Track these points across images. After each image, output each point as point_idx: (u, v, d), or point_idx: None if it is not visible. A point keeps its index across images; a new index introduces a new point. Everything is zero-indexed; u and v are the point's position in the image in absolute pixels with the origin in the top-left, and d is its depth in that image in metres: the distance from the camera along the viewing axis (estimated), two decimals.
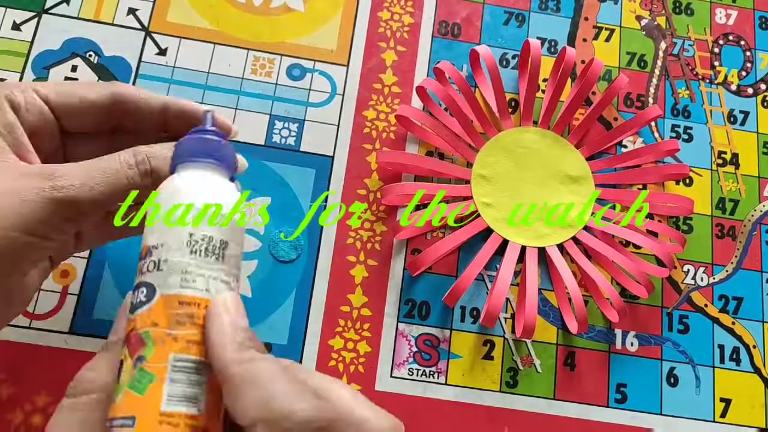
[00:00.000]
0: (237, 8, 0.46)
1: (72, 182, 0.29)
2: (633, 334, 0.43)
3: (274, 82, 0.45)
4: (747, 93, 0.48)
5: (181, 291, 0.26)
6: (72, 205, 0.29)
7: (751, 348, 0.43)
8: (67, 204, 0.29)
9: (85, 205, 0.30)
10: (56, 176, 0.29)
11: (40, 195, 0.29)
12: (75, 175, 0.30)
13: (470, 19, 0.48)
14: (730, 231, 0.45)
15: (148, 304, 0.26)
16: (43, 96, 0.32)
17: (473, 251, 0.42)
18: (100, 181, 0.30)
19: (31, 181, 0.29)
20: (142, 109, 0.34)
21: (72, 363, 0.38)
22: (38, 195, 0.29)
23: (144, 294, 0.26)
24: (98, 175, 0.30)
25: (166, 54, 0.45)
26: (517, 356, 0.42)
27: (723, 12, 0.50)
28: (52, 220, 0.29)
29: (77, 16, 0.45)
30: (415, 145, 0.45)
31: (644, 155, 0.45)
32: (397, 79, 0.46)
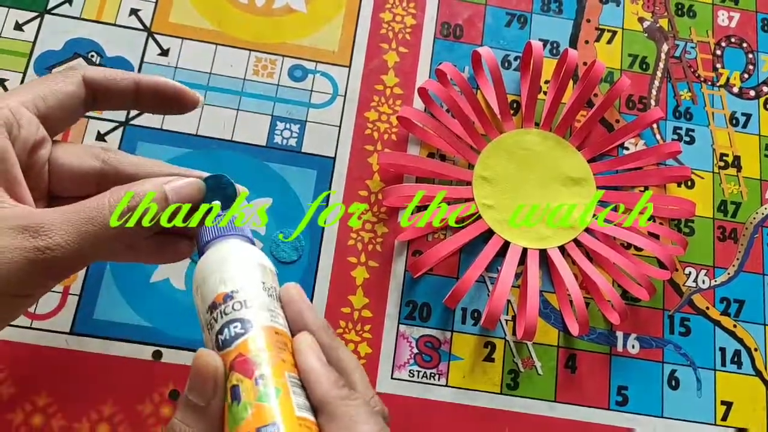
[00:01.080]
0: (239, 9, 0.46)
1: (56, 241, 0.27)
2: (634, 337, 0.43)
3: (275, 83, 0.45)
4: (749, 95, 0.48)
5: (273, 324, 0.28)
6: (59, 266, 0.28)
7: (753, 351, 0.43)
8: (51, 265, 0.27)
9: (71, 264, 0.28)
10: (40, 234, 0.27)
11: (22, 256, 0.27)
12: (60, 231, 0.28)
13: (472, 21, 0.48)
14: (732, 233, 0.45)
15: (246, 334, 0.28)
16: (32, 107, 0.31)
17: (474, 253, 0.42)
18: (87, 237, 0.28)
19: (15, 240, 0.27)
20: (112, 89, 0.33)
21: (73, 363, 0.38)
22: (21, 256, 0.27)
23: (239, 328, 0.28)
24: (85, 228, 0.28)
25: (168, 54, 0.45)
26: (518, 358, 0.41)
27: (725, 14, 0.50)
28: (35, 280, 0.28)
29: (79, 16, 0.45)
30: (417, 146, 0.45)
31: (646, 157, 0.45)
32: (399, 80, 0.46)
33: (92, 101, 0.33)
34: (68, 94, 0.31)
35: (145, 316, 0.40)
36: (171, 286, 0.40)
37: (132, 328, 0.39)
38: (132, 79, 0.33)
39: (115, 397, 0.38)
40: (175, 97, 0.34)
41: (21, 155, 0.30)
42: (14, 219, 0.27)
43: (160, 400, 0.38)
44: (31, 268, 0.27)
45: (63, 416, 0.38)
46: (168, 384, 0.39)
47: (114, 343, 0.39)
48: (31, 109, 0.30)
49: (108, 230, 0.28)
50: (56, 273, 0.28)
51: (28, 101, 0.30)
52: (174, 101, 0.34)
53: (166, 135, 0.43)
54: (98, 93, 0.32)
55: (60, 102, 0.31)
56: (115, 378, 0.38)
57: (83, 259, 0.28)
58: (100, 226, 0.28)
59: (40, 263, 0.27)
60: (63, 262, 0.27)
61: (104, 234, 0.28)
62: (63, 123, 0.32)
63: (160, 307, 0.40)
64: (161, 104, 0.34)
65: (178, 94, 0.34)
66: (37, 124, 0.30)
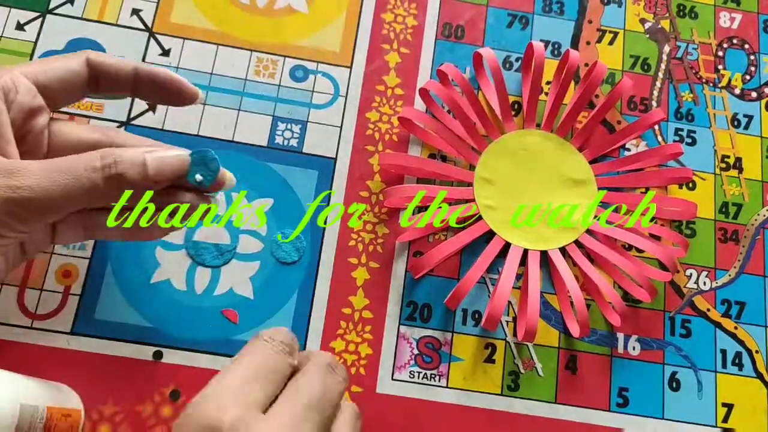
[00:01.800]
0: (240, 9, 0.46)
1: (29, 183, 0.29)
2: (635, 338, 0.43)
3: (277, 84, 0.45)
4: (751, 97, 0.48)
5: None
6: (24, 206, 0.29)
7: (754, 353, 0.43)
8: (19, 204, 0.29)
9: (39, 207, 0.29)
10: (15, 175, 0.29)
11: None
12: (34, 175, 0.29)
13: (474, 22, 0.48)
14: (733, 235, 0.45)
15: None
16: (32, 76, 0.32)
17: (475, 254, 0.42)
18: (58, 186, 0.29)
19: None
20: (113, 73, 0.34)
21: (73, 363, 0.38)
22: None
23: None
24: (59, 178, 0.29)
25: (169, 55, 0.45)
26: (519, 359, 0.41)
27: (727, 15, 0.50)
28: (3, 218, 0.29)
29: (81, 16, 0.45)
30: (418, 147, 0.45)
31: (647, 159, 0.45)
32: (400, 81, 0.46)
33: (94, 84, 0.34)
34: (69, 70, 0.33)
35: (145, 316, 0.40)
36: (172, 287, 0.40)
37: (133, 328, 0.39)
38: (132, 65, 0.34)
39: (116, 397, 0.38)
40: (173, 89, 0.35)
41: (16, 119, 0.32)
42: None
43: (160, 401, 0.38)
44: (3, 204, 0.28)
45: None
46: (169, 384, 0.39)
47: (115, 343, 0.39)
48: (31, 79, 0.32)
49: (79, 182, 0.30)
50: (23, 214, 0.29)
51: (28, 72, 0.32)
52: (172, 92, 0.35)
53: (167, 135, 0.43)
54: (99, 75, 0.34)
55: (60, 76, 0.33)
56: (116, 378, 0.38)
57: (51, 204, 0.30)
58: (72, 177, 0.30)
59: (9, 200, 0.29)
60: (31, 203, 0.29)
61: (74, 185, 0.30)
62: (63, 97, 0.34)
63: (160, 308, 0.40)
64: (159, 94, 0.35)
65: (176, 85, 0.35)
66: (35, 92, 0.32)
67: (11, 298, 0.39)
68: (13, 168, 0.29)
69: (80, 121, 0.43)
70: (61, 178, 0.29)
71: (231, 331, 0.40)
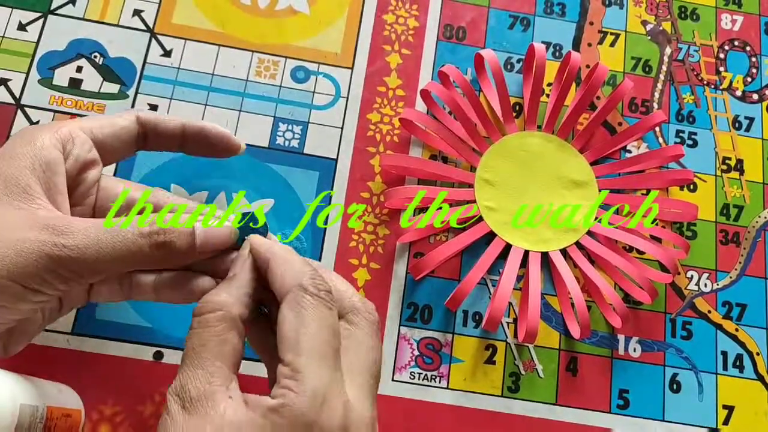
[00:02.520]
0: (242, 10, 0.46)
1: (75, 242, 0.29)
2: (636, 340, 0.42)
3: (278, 85, 0.45)
4: (752, 99, 0.48)
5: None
6: (68, 266, 0.29)
7: (755, 355, 0.43)
8: (63, 263, 0.29)
9: (82, 268, 0.29)
10: (63, 233, 0.29)
11: (39, 248, 0.28)
12: (82, 235, 0.29)
13: (475, 23, 0.48)
14: (734, 237, 0.45)
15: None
16: (88, 131, 0.33)
17: (476, 255, 0.42)
18: (105, 248, 0.29)
19: (38, 234, 0.29)
20: (162, 130, 0.35)
21: (74, 363, 0.38)
22: (38, 248, 0.28)
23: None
24: (106, 240, 0.29)
25: (170, 55, 0.45)
26: (519, 361, 0.41)
27: (729, 17, 0.50)
28: (45, 276, 0.29)
29: (83, 17, 0.45)
30: (419, 148, 0.45)
31: (648, 160, 0.45)
32: (402, 82, 0.46)
33: (143, 139, 0.35)
34: (123, 127, 0.34)
35: (146, 316, 0.40)
36: None
37: (133, 328, 0.39)
38: (180, 123, 0.36)
39: (116, 397, 0.38)
40: (221, 144, 0.36)
41: (71, 170, 0.32)
42: (45, 219, 0.29)
43: (161, 401, 0.38)
44: (45, 261, 0.28)
45: None
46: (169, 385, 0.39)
47: (115, 343, 0.39)
48: (87, 133, 0.33)
49: (125, 246, 0.29)
50: (67, 273, 0.29)
51: (85, 126, 0.33)
52: (218, 146, 0.37)
53: None
54: (149, 131, 0.35)
55: (115, 132, 0.34)
56: (116, 378, 0.38)
57: (95, 266, 0.29)
58: (119, 240, 0.29)
59: (54, 258, 0.28)
60: (75, 263, 0.29)
61: (120, 248, 0.29)
62: (116, 153, 0.35)
63: (161, 308, 0.40)
64: (206, 148, 0.37)
65: (224, 140, 0.37)
66: (90, 145, 0.33)
67: None
68: (61, 225, 0.29)
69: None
70: (106, 240, 0.29)
71: None
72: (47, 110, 0.43)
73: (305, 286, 0.29)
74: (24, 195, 0.30)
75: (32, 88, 0.43)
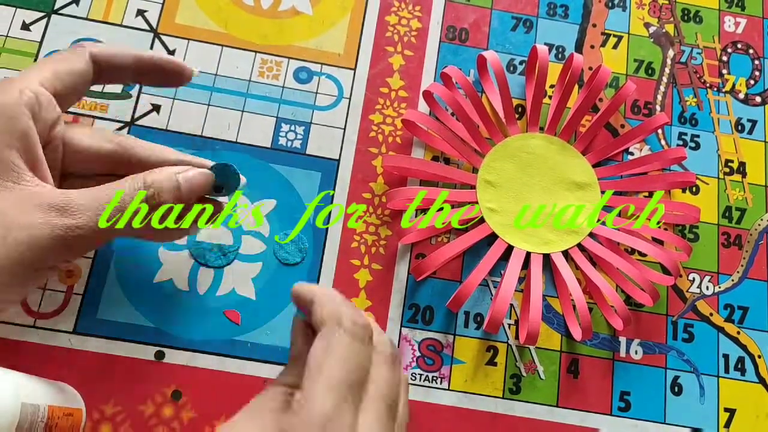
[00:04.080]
0: (245, 11, 0.47)
1: (82, 221, 0.30)
2: (637, 342, 0.42)
3: (281, 85, 0.45)
4: (755, 101, 0.48)
5: None
6: (79, 243, 0.30)
7: (757, 358, 0.43)
8: (74, 241, 0.30)
9: (92, 242, 0.31)
10: (67, 211, 0.30)
11: (52, 233, 0.29)
12: (85, 210, 0.30)
13: (478, 25, 0.48)
14: (737, 240, 0.45)
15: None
16: (50, 86, 0.33)
17: (478, 256, 0.42)
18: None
19: (45, 216, 0.29)
20: (116, 64, 0.35)
21: (75, 362, 0.38)
22: (50, 232, 0.29)
23: None
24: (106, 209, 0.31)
25: (174, 55, 0.45)
26: (521, 362, 0.41)
27: (732, 20, 0.50)
28: (60, 255, 0.30)
29: (86, 17, 0.45)
30: (421, 149, 0.45)
31: (651, 163, 0.45)
32: (404, 83, 0.46)
33: (98, 77, 0.35)
34: (80, 74, 0.34)
35: (148, 316, 0.40)
36: (174, 287, 0.40)
37: (135, 328, 0.40)
38: (132, 55, 0.35)
39: (117, 397, 0.38)
40: (173, 71, 0.36)
41: (42, 134, 0.32)
42: (42, 197, 0.30)
43: (162, 401, 0.38)
44: (59, 243, 0.29)
45: None
46: (170, 385, 0.39)
47: (117, 342, 0.39)
48: (50, 89, 0.32)
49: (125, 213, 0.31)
50: (79, 249, 0.31)
51: (46, 81, 0.32)
52: (172, 74, 0.37)
53: (171, 135, 0.43)
54: (103, 69, 0.35)
55: (74, 81, 0.34)
56: (118, 378, 0.39)
57: (103, 237, 0.31)
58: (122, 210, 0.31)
59: (68, 240, 0.30)
60: (87, 240, 0.30)
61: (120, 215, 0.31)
62: (73, 99, 0.35)
63: (163, 308, 0.40)
64: (159, 77, 0.37)
65: (176, 67, 0.37)
66: (54, 103, 0.33)
67: None
68: (63, 204, 0.30)
69: (86, 122, 0.43)
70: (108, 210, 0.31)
71: (233, 332, 0.40)
72: None
73: (341, 320, 0.28)
74: (10, 173, 0.30)
75: None
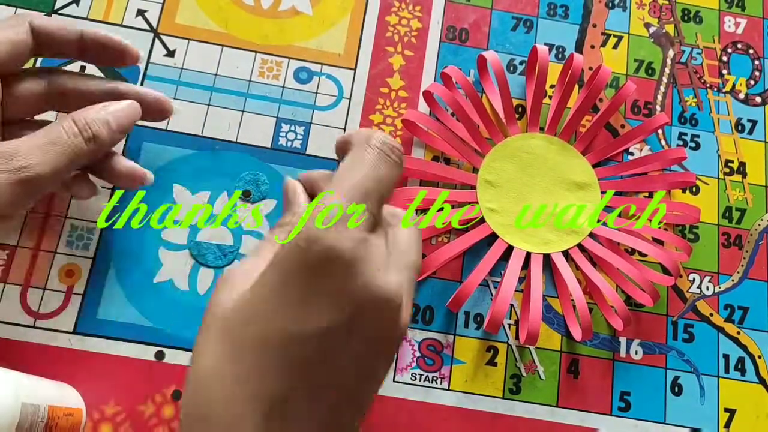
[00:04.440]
0: (245, 11, 0.47)
1: (32, 162, 0.32)
2: (637, 342, 0.42)
3: (281, 85, 0.45)
4: (755, 102, 0.48)
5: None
6: (36, 184, 0.32)
7: (757, 358, 0.43)
8: (32, 183, 0.32)
9: (43, 182, 0.32)
10: (15, 157, 0.32)
11: (6, 179, 0.31)
12: (33, 154, 0.32)
13: (478, 25, 0.48)
14: (737, 240, 0.45)
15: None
16: None
17: (478, 257, 0.42)
18: (54, 156, 0.33)
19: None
20: (58, 39, 0.36)
21: (75, 363, 0.38)
22: (5, 179, 0.31)
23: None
24: (52, 150, 0.33)
25: (174, 55, 0.45)
26: (521, 363, 0.41)
27: (732, 20, 0.50)
28: (18, 200, 0.32)
29: (86, 17, 0.45)
30: (421, 149, 0.45)
31: (651, 163, 0.45)
32: (404, 83, 0.46)
33: (38, 49, 0.36)
34: (17, 43, 0.35)
35: (148, 316, 0.40)
36: (174, 287, 0.40)
37: (135, 328, 0.40)
38: (76, 30, 0.37)
39: (117, 397, 0.38)
40: (117, 50, 0.38)
41: None
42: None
43: (162, 401, 0.38)
44: (12, 188, 0.31)
45: None
46: (170, 385, 0.39)
47: (117, 343, 0.39)
48: None
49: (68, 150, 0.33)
50: (33, 190, 0.33)
51: None
52: (116, 53, 0.38)
53: (170, 136, 0.43)
54: (43, 41, 0.36)
55: (9, 50, 0.35)
56: (118, 378, 0.39)
57: (54, 176, 0.33)
58: (60, 147, 0.33)
59: (20, 183, 0.32)
60: (38, 179, 0.32)
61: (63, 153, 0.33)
62: (9, 66, 0.36)
63: (163, 308, 0.40)
64: (103, 56, 0.38)
65: (120, 46, 0.38)
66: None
67: (14, 297, 0.39)
68: (9, 151, 0.32)
69: None
70: (52, 150, 0.33)
71: None
72: None
73: (370, 139, 0.28)
74: None
75: None
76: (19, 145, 0.32)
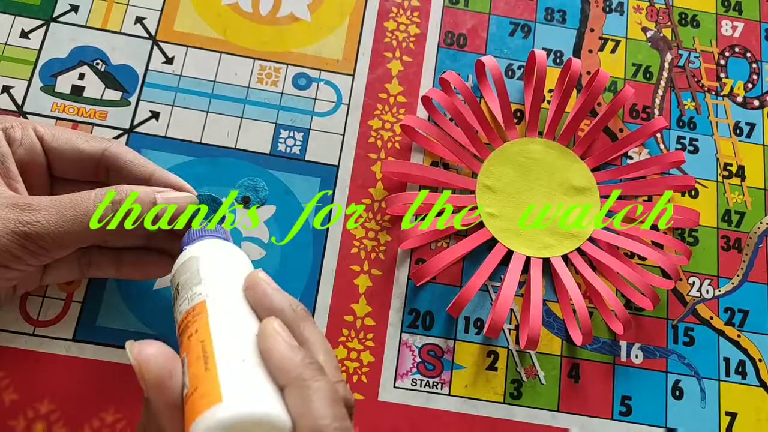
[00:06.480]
0: (244, 17, 0.47)
1: (39, 218, 0.30)
2: (638, 346, 0.42)
3: (280, 91, 0.45)
4: (753, 105, 0.48)
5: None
6: (36, 240, 0.31)
7: (757, 361, 0.43)
8: (31, 238, 0.30)
9: (50, 242, 0.31)
10: (26, 209, 0.31)
11: (5, 226, 0.30)
12: (45, 210, 0.31)
13: (476, 30, 0.48)
14: (736, 243, 0.45)
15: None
16: (40, 135, 0.34)
17: (478, 262, 0.42)
18: (68, 219, 0.31)
19: (3, 212, 0.30)
20: (127, 172, 0.35)
21: (75, 370, 0.38)
22: (4, 225, 0.30)
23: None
24: (68, 212, 0.31)
25: (172, 63, 0.45)
26: (521, 367, 0.41)
27: (729, 24, 0.50)
28: (14, 251, 0.30)
29: (85, 24, 0.45)
30: (420, 155, 0.45)
31: (650, 167, 0.45)
32: (403, 88, 0.46)
33: (105, 173, 0.36)
34: (80, 152, 0.35)
35: (147, 323, 0.40)
36: None
37: (134, 335, 0.39)
38: (147, 172, 0.36)
39: (118, 404, 0.38)
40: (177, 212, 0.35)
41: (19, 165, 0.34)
42: (9, 199, 0.31)
43: None
44: (12, 238, 0.30)
45: (65, 423, 0.37)
46: None
47: (116, 350, 0.39)
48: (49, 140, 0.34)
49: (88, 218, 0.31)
50: (34, 248, 0.31)
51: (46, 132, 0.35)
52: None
53: (170, 142, 0.43)
54: (111, 170, 0.35)
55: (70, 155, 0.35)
56: (118, 385, 0.38)
57: (61, 239, 0.31)
58: (81, 213, 0.31)
59: (20, 235, 0.30)
60: (42, 237, 0.30)
61: (83, 220, 0.31)
62: (69, 170, 0.35)
63: (162, 315, 0.40)
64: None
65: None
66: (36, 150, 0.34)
67: (14, 305, 0.39)
68: (24, 203, 0.31)
69: (84, 129, 0.43)
70: (70, 213, 0.31)
71: None
72: (49, 117, 0.43)
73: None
74: None
75: (34, 96, 0.43)
76: (39, 200, 0.31)
